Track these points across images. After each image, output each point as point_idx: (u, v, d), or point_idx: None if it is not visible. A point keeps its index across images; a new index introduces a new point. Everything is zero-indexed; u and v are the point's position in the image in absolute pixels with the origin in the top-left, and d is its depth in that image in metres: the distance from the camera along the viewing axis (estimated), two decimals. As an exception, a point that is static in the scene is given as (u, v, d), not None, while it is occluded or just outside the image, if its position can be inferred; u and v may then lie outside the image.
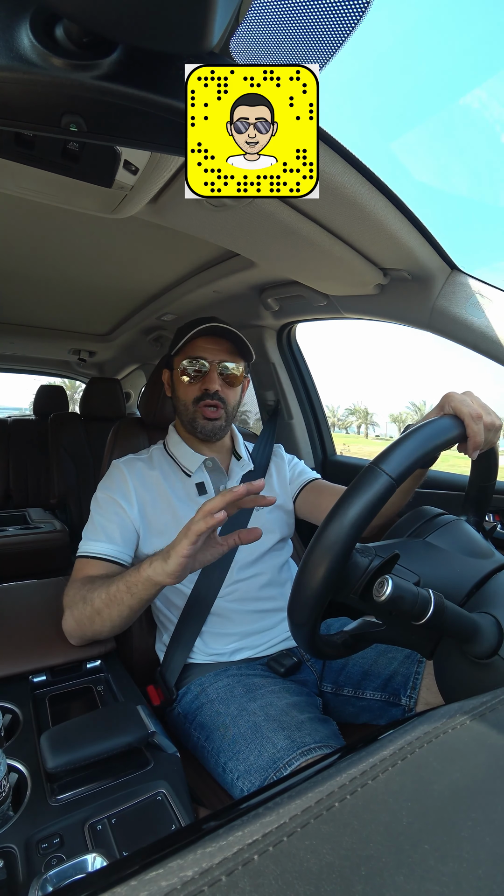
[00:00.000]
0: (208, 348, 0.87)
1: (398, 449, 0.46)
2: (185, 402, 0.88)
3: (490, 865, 0.19)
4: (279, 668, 0.81)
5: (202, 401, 0.86)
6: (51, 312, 1.86)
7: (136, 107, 0.39)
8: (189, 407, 0.88)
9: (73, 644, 0.75)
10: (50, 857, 0.44)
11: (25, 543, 1.92)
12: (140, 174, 0.61)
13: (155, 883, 0.17)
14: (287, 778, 0.26)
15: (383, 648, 0.84)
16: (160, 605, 0.88)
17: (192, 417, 0.88)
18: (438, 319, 0.90)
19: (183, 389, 0.88)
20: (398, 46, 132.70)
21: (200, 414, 0.87)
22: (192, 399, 0.87)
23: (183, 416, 0.90)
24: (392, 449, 0.46)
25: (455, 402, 0.55)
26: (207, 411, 0.86)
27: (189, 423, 0.89)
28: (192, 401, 0.87)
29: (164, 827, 0.48)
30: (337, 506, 0.44)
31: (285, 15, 0.39)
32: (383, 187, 0.67)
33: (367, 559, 0.46)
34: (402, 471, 0.45)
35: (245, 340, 0.87)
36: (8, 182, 0.65)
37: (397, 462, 0.45)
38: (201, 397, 0.86)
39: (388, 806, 0.22)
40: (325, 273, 0.95)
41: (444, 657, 0.50)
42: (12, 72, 0.36)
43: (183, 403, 0.89)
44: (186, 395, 0.88)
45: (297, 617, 0.46)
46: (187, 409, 0.88)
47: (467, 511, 0.64)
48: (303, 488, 0.99)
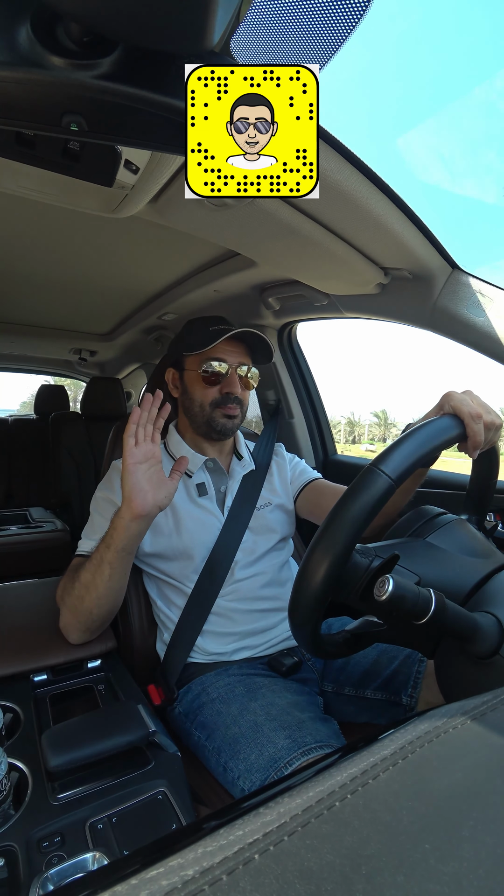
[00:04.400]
0: (228, 350, 0.86)
1: (397, 450, 0.46)
2: (201, 403, 0.87)
3: (491, 865, 0.19)
4: (280, 668, 0.81)
5: (222, 404, 0.86)
6: (52, 312, 1.86)
7: (137, 106, 0.39)
8: (206, 408, 0.87)
9: (72, 641, 0.76)
10: (51, 855, 0.44)
11: (26, 543, 1.92)
12: (141, 174, 0.61)
13: (155, 882, 0.17)
14: (288, 777, 0.27)
15: (384, 648, 0.84)
16: (161, 604, 0.88)
17: (210, 417, 0.87)
18: (439, 319, 0.90)
19: (200, 391, 0.87)
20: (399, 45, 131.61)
21: (220, 413, 0.87)
22: (211, 401, 0.87)
23: (197, 416, 0.89)
24: (391, 450, 0.46)
25: (454, 401, 0.54)
26: (229, 411, 0.87)
27: (204, 423, 0.88)
28: (210, 402, 0.87)
29: (164, 826, 0.49)
30: (337, 507, 0.44)
31: (285, 15, 0.39)
32: (384, 186, 0.67)
33: (367, 560, 0.46)
34: (402, 472, 0.44)
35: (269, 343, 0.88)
36: (8, 181, 0.64)
37: (396, 463, 0.45)
38: (222, 400, 0.86)
39: (389, 805, 0.22)
40: (326, 272, 0.95)
41: (444, 657, 0.50)
42: (13, 71, 0.36)
43: (199, 405, 0.88)
44: (204, 396, 0.87)
45: (297, 617, 0.46)
46: (203, 411, 0.87)
47: (468, 510, 0.64)
48: (304, 488, 0.99)
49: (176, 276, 1.31)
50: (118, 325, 2.02)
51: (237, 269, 1.13)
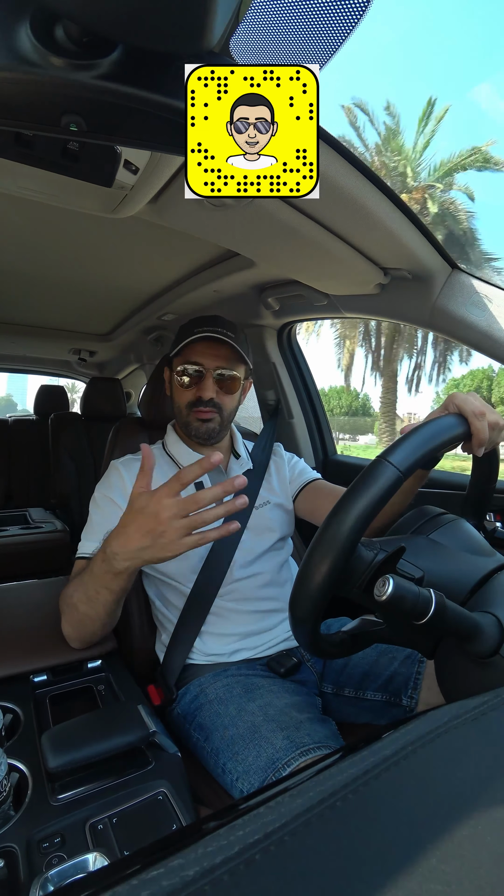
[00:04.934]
0: (206, 353, 0.85)
1: (405, 443, 0.47)
2: (179, 405, 0.89)
3: (491, 865, 0.19)
4: (279, 669, 0.81)
5: (196, 407, 0.86)
6: (51, 312, 1.86)
7: (136, 106, 0.39)
8: (183, 410, 0.88)
9: (73, 647, 0.75)
10: (51, 856, 0.44)
11: (26, 543, 1.93)
12: (140, 174, 0.61)
13: (156, 882, 0.17)
14: (288, 777, 0.27)
15: (384, 649, 0.84)
16: (159, 604, 0.88)
17: (187, 421, 0.88)
18: (439, 318, 0.90)
19: (179, 393, 0.88)
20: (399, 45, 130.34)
21: (194, 417, 0.87)
22: (186, 403, 0.87)
23: (178, 418, 0.91)
24: (399, 443, 0.47)
25: (459, 400, 0.57)
26: (201, 415, 0.86)
27: (184, 426, 0.90)
28: (185, 405, 0.87)
29: (165, 826, 0.48)
30: (344, 497, 0.44)
31: (285, 14, 0.39)
32: (384, 186, 0.67)
33: (371, 553, 0.46)
34: (410, 464, 0.45)
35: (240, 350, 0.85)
36: (8, 182, 0.64)
37: (404, 455, 0.45)
38: (195, 403, 0.86)
39: (390, 805, 0.22)
40: (326, 272, 0.95)
41: (444, 657, 0.50)
42: (12, 71, 0.36)
43: (178, 406, 0.89)
44: (182, 398, 0.88)
45: (299, 611, 0.46)
46: (181, 412, 0.89)
47: (467, 511, 0.64)
48: (303, 488, 0.99)
49: (175, 276, 1.31)
50: (118, 325, 2.02)
51: (237, 270, 1.13)
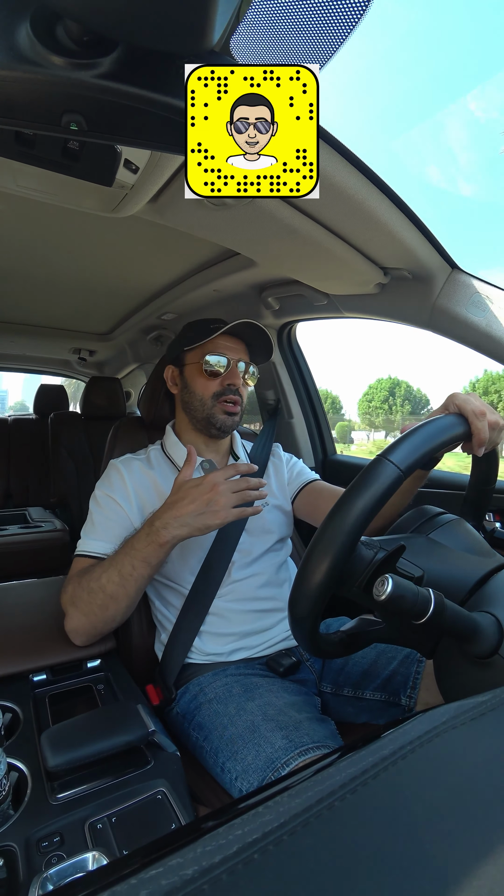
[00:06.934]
0: (229, 346, 0.89)
1: (406, 442, 0.47)
2: (202, 397, 0.88)
3: (490, 865, 0.19)
4: (278, 668, 0.81)
5: (224, 395, 0.87)
6: (51, 312, 1.86)
7: (137, 105, 0.39)
8: (207, 402, 0.88)
9: (78, 643, 0.75)
10: (50, 855, 0.44)
11: (26, 542, 1.92)
12: (140, 173, 0.61)
13: (155, 882, 0.17)
14: (287, 777, 0.27)
15: (382, 648, 0.84)
16: (158, 604, 0.88)
17: (210, 413, 0.88)
18: (439, 318, 0.90)
19: (202, 384, 0.88)
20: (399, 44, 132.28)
21: (220, 409, 0.87)
22: (212, 394, 0.87)
23: (197, 412, 0.89)
24: (400, 442, 0.47)
25: (459, 400, 0.57)
26: (228, 406, 0.87)
27: (205, 419, 0.89)
28: (211, 395, 0.87)
29: (164, 826, 0.48)
30: (345, 496, 0.44)
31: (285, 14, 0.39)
32: (384, 186, 0.67)
33: (371, 552, 0.46)
34: (410, 463, 0.45)
35: (268, 336, 0.90)
36: (8, 181, 0.64)
37: (405, 454, 0.45)
38: (223, 392, 0.87)
39: (389, 805, 0.22)
40: (326, 272, 0.95)
41: (443, 656, 0.50)
42: (13, 71, 0.36)
43: (199, 398, 0.88)
44: (205, 389, 0.88)
45: (298, 610, 0.46)
46: (204, 405, 0.88)
47: (467, 511, 0.64)
48: (301, 489, 0.99)
49: (175, 275, 1.31)
50: (118, 324, 2.02)
51: (237, 269, 1.13)
